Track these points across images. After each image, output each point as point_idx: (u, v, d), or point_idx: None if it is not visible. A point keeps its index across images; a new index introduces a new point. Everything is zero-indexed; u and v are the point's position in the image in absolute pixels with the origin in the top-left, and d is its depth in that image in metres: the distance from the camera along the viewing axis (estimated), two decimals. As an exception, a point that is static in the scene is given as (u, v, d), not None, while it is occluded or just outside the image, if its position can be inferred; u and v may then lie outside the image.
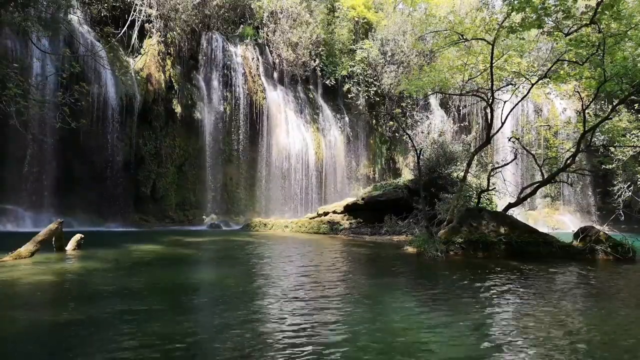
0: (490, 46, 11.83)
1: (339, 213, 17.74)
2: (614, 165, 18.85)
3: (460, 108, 27.92)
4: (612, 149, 18.22)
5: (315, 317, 4.42)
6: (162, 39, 20.15)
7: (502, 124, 13.27)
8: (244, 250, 10.90)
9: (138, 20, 19.39)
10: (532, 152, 15.30)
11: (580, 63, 11.22)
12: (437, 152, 17.19)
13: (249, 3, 23.50)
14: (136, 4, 19.16)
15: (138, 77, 19.01)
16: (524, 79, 13.42)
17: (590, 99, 14.21)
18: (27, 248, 7.83)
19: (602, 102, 19.02)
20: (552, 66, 12.69)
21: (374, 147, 27.21)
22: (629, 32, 10.35)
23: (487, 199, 15.81)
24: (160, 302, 5.12)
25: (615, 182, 21.03)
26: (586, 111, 12.84)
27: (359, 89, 25.73)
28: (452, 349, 3.60)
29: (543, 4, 9.98)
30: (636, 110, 19.36)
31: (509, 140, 15.19)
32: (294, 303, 5.05)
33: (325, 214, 18.08)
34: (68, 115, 12.78)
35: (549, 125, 25.31)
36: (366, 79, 25.82)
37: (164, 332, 3.89)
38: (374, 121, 27.13)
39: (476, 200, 13.79)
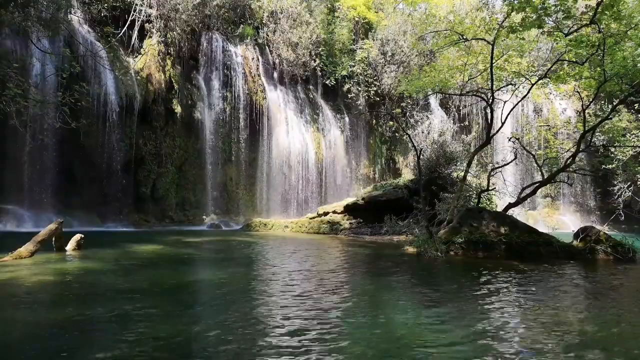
0: (490, 46, 11.83)
1: (339, 213, 17.73)
2: (614, 165, 18.83)
3: (460, 108, 27.91)
4: (612, 149, 18.21)
5: (316, 317, 4.41)
6: (162, 39, 20.14)
7: (502, 124, 13.26)
8: (243, 250, 10.90)
9: (138, 20, 19.39)
10: (532, 152, 15.30)
11: (581, 63, 11.22)
12: (437, 152, 17.18)
13: (249, 3, 23.49)
14: (136, 4, 19.15)
15: (138, 77, 19.01)
16: (524, 79, 13.42)
17: (590, 99, 14.20)
18: (27, 248, 7.82)
19: (602, 102, 18.97)
20: (552, 66, 12.70)
21: (374, 147, 27.20)
22: (629, 32, 10.35)
23: (487, 199, 15.80)
24: (160, 302, 5.12)
25: (615, 182, 21.01)
26: (586, 111, 12.84)
27: (359, 89, 25.72)
28: (452, 348, 3.60)
29: (543, 4, 9.98)
30: (636, 110, 19.36)
31: (509, 140, 15.19)
32: (294, 303, 5.05)
33: (325, 214, 18.07)
34: (68, 115, 12.81)
35: (548, 125, 25.32)
36: (366, 79, 25.82)
37: (164, 332, 3.89)
38: (374, 121, 27.13)
39: (476, 200, 13.79)
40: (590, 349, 3.70)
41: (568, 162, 12.60)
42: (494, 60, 11.95)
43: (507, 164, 14.45)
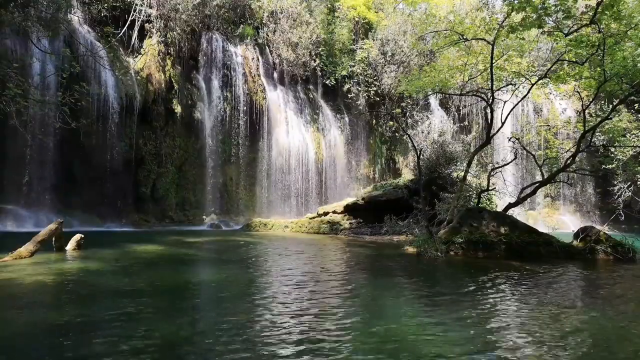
0: (490, 46, 11.84)
1: (339, 213, 17.73)
2: (614, 165, 18.82)
3: (460, 108, 27.92)
4: (612, 149, 18.20)
5: (315, 318, 4.42)
6: (162, 39, 20.14)
7: (502, 124, 13.26)
8: (243, 250, 10.90)
9: (138, 20, 19.39)
10: (532, 152, 15.29)
11: (581, 63, 11.22)
12: (437, 152, 17.17)
13: (249, 3, 23.50)
14: (136, 4, 19.15)
15: (138, 77, 19.01)
16: (524, 79, 13.42)
17: (590, 99, 14.20)
18: (27, 248, 7.82)
19: (602, 102, 18.96)
20: (552, 66, 12.69)
21: (374, 147, 27.20)
22: (629, 32, 10.35)
23: (487, 199, 15.80)
24: (160, 302, 5.12)
25: (615, 182, 21.01)
26: (586, 111, 12.84)
27: (359, 89, 25.73)
28: (452, 349, 3.60)
29: (543, 4, 9.98)
30: (636, 110, 19.34)
31: (509, 140, 15.19)
32: (293, 303, 5.05)
33: (325, 214, 18.07)
34: (68, 115, 12.80)
35: (548, 125, 25.32)
36: (366, 79, 25.82)
37: (164, 332, 3.89)
38: (374, 121, 27.13)
39: (476, 200, 13.79)
40: (588, 349, 3.70)
41: (568, 162, 12.61)
42: (494, 60, 11.95)
43: (507, 164, 14.46)
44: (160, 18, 19.99)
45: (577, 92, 14.92)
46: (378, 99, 26.18)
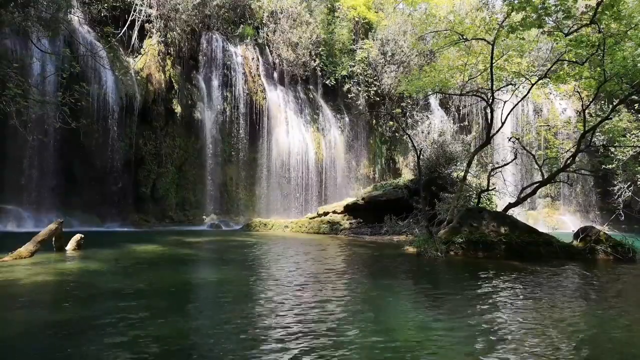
0: (490, 46, 11.83)
1: (339, 213, 17.73)
2: (614, 165, 18.81)
3: (460, 108, 27.91)
4: (612, 149, 18.20)
5: (315, 318, 4.41)
6: (162, 39, 20.14)
7: (502, 124, 13.26)
8: (244, 250, 10.90)
9: (138, 20, 19.39)
10: (532, 152, 15.29)
11: (581, 63, 11.21)
12: (437, 152, 17.17)
13: (249, 3, 23.49)
14: (136, 4, 19.15)
15: (138, 77, 19.00)
16: (524, 79, 13.42)
17: (590, 99, 14.20)
18: (27, 248, 7.82)
19: (602, 102, 18.95)
20: (552, 66, 12.69)
21: (374, 147, 27.20)
22: (629, 32, 10.35)
23: (487, 199, 15.79)
24: (160, 302, 5.12)
25: (615, 182, 21.00)
26: (586, 111, 12.84)
27: (359, 89, 25.72)
28: (451, 349, 3.60)
29: (543, 3, 9.98)
30: (636, 110, 19.33)
31: (509, 140, 15.19)
32: (294, 305, 5.04)
33: (325, 214, 18.07)
34: (68, 115, 12.80)
35: (548, 125, 25.32)
36: (366, 79, 25.82)
37: (164, 333, 3.89)
38: (374, 121, 27.12)
39: (476, 200, 13.79)
40: (588, 349, 3.70)
41: (568, 162, 12.61)
42: (494, 60, 11.95)
43: (507, 164, 14.45)
44: (160, 18, 19.99)
45: (577, 92, 14.91)
46: (378, 99, 26.17)
